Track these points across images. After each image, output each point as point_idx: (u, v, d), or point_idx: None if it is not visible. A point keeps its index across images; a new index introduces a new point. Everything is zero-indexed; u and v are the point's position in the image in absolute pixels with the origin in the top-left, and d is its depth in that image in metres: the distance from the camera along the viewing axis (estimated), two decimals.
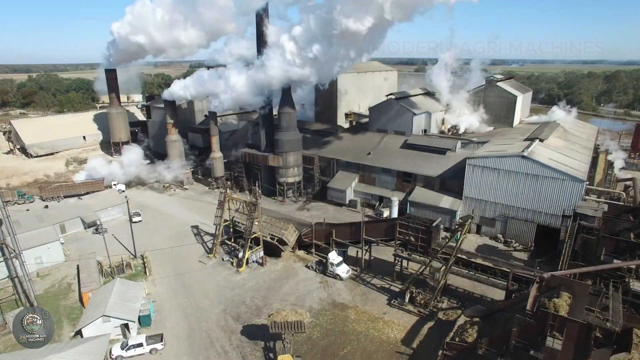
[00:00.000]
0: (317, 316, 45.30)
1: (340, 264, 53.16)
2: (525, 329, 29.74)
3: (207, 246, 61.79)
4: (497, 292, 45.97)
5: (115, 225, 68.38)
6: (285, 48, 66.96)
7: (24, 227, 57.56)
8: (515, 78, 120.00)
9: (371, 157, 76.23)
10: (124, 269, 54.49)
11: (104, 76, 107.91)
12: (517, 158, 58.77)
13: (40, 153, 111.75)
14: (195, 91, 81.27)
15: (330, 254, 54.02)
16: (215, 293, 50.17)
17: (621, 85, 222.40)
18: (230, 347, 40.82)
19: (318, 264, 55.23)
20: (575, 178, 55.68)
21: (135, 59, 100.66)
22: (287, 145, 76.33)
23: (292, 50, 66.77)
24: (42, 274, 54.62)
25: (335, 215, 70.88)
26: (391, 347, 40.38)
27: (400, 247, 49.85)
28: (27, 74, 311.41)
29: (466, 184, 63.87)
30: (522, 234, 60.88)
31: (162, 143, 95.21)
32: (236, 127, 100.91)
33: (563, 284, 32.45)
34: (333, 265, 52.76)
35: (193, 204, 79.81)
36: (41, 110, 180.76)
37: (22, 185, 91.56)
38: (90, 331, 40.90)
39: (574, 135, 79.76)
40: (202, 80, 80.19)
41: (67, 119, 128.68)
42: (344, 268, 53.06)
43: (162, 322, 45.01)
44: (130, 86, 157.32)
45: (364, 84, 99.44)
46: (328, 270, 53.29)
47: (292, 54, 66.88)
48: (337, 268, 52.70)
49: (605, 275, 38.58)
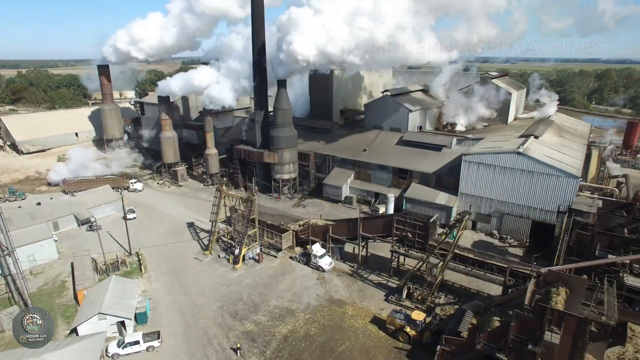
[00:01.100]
0: (315, 312, 45.30)
1: (323, 256, 54.34)
2: (523, 324, 30.00)
3: (203, 243, 61.44)
4: (493, 288, 46.32)
5: (109, 223, 67.71)
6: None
7: (16, 225, 56.77)
8: (509, 75, 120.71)
9: (367, 154, 76.25)
10: (119, 266, 53.95)
11: (97, 72, 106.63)
12: (513, 155, 59.15)
13: (31, 150, 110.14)
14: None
15: (314, 245, 55.20)
16: (212, 290, 49.93)
17: (612, 83, 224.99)
18: (228, 344, 40.64)
19: (302, 256, 56.35)
20: (570, 174, 56.19)
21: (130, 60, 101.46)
22: (283, 141, 76.05)
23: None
24: (36, 271, 53.90)
25: (331, 212, 70.84)
26: (389, 343, 40.51)
27: (397, 243, 49.96)
28: (15, 69, 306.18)
29: (462, 181, 64.17)
30: (517, 230, 61.35)
31: (156, 140, 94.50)
32: (231, 124, 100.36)
33: (560, 279, 32.86)
34: (316, 257, 53.97)
35: (188, 201, 79.26)
36: (31, 107, 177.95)
37: (13, 182, 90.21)
38: (85, 329, 40.45)
39: (568, 132, 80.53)
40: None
41: (59, 115, 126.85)
42: (326, 260, 54.19)
43: (158, 319, 44.68)
44: (123, 83, 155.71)
45: (359, 81, 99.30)
46: (311, 262, 54.51)
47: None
48: (320, 260, 53.85)
49: (600, 270, 39.06)
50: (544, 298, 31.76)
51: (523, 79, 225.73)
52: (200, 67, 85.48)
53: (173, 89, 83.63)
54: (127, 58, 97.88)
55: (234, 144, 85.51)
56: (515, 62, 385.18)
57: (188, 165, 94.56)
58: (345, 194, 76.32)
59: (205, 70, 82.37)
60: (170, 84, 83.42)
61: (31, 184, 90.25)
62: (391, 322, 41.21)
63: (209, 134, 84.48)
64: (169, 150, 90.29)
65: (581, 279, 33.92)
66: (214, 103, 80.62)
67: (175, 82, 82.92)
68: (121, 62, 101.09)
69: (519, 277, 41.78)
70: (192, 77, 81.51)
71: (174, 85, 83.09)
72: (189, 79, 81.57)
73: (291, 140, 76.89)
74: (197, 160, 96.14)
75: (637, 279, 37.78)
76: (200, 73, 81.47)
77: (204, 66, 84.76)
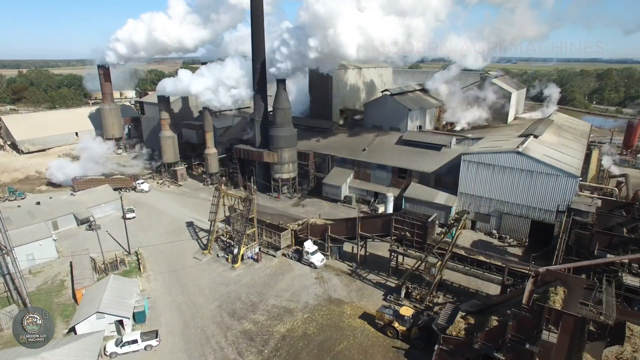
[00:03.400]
0: (313, 312, 45.26)
1: (315, 253, 54.73)
2: (521, 323, 29.93)
3: (202, 242, 61.43)
4: (492, 287, 46.22)
5: (108, 222, 67.75)
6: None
7: (15, 224, 56.88)
8: (509, 75, 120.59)
9: (366, 153, 76.19)
10: (117, 265, 53.99)
11: (96, 72, 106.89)
12: (512, 154, 59.04)
13: (31, 149, 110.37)
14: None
15: (306, 242, 55.58)
16: (211, 289, 49.91)
17: (613, 83, 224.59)
18: (226, 343, 40.64)
19: (294, 252, 56.70)
20: (569, 174, 56.07)
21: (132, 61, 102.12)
22: (283, 141, 76.02)
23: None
24: (35, 271, 53.94)
25: (330, 212, 70.80)
26: (387, 342, 40.46)
27: (396, 243, 49.89)
28: (16, 69, 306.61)
29: (461, 180, 64.08)
30: (516, 230, 61.23)
31: (156, 139, 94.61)
32: (231, 124, 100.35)
33: (558, 278, 32.76)
34: (308, 254, 54.37)
35: (187, 200, 79.26)
36: (32, 106, 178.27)
37: (13, 181, 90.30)
38: (84, 328, 40.45)
39: (568, 132, 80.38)
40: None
41: (59, 115, 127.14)
42: (318, 257, 54.57)
43: (156, 318, 44.67)
44: (123, 82, 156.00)
45: (359, 80, 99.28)
46: (303, 259, 54.89)
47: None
48: (312, 256, 54.30)
49: (599, 269, 38.96)
50: (542, 297, 31.67)
51: (523, 78, 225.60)
52: (201, 68, 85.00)
53: (169, 90, 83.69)
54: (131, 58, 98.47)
55: (233, 143, 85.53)
56: (516, 62, 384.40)
57: (188, 165, 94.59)
58: (345, 193, 76.27)
59: (203, 73, 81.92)
60: (166, 84, 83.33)
61: (31, 183, 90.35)
62: (380, 317, 41.57)
63: (209, 133, 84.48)
64: (168, 149, 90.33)
65: (579, 278, 33.83)
66: (214, 105, 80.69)
67: (172, 84, 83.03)
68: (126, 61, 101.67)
69: (517, 276, 41.70)
70: (190, 82, 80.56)
71: (169, 87, 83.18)
72: (187, 85, 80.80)
73: (291, 140, 76.84)
74: (196, 159, 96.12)
75: (636, 278, 37.63)
76: (198, 78, 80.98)
77: (204, 69, 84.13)
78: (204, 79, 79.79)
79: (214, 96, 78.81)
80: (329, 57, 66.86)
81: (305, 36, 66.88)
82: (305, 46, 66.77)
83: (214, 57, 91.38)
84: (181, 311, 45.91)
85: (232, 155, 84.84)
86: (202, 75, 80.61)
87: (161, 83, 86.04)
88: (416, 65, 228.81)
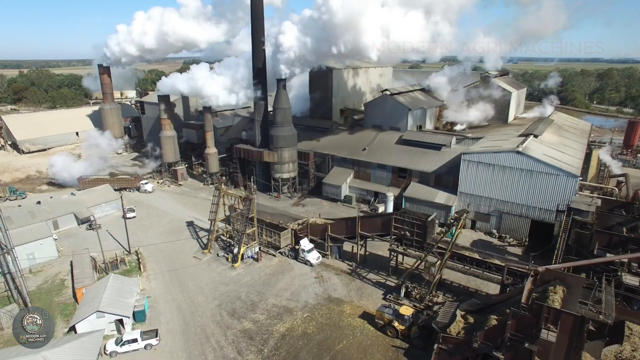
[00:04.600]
0: (313, 311, 45.30)
1: (311, 251, 55.06)
2: (520, 322, 29.93)
3: (202, 242, 61.50)
4: (491, 286, 46.24)
5: (109, 221, 67.87)
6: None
7: (16, 223, 56.98)
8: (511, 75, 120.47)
9: (366, 153, 76.21)
10: (118, 264, 54.08)
11: (97, 72, 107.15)
12: (512, 154, 59.03)
13: (32, 149, 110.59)
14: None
15: (302, 240, 55.78)
16: (210, 288, 49.97)
17: (613, 83, 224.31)
18: (226, 342, 40.70)
19: (291, 251, 56.94)
20: (569, 173, 56.05)
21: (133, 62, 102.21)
22: (283, 141, 76.07)
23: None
24: (35, 270, 54.06)
25: (330, 211, 70.83)
26: (387, 342, 40.49)
27: (395, 242, 49.92)
28: (17, 69, 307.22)
29: (461, 180, 64.07)
30: (516, 229, 61.23)
31: (156, 139, 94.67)
32: (231, 124, 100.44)
33: (557, 277, 32.76)
34: (304, 252, 54.60)
35: (187, 200, 79.35)
36: (33, 106, 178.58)
37: (14, 181, 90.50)
38: (84, 327, 40.53)
39: (568, 132, 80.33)
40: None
41: (60, 114, 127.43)
42: (314, 255, 54.90)
43: (156, 317, 44.75)
44: (124, 82, 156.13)
45: (359, 80, 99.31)
46: (300, 257, 55.11)
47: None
48: (308, 254, 54.57)
49: (599, 269, 38.93)
50: (541, 296, 31.68)
51: (524, 78, 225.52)
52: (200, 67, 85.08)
53: (177, 87, 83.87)
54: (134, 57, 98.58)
55: (233, 143, 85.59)
56: (516, 62, 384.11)
57: (188, 165, 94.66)
58: (345, 193, 76.30)
59: (204, 72, 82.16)
60: (168, 83, 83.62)
61: (32, 183, 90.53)
62: (380, 317, 41.60)
63: (209, 133, 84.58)
64: (168, 149, 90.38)
65: (578, 277, 33.79)
66: (219, 104, 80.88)
67: (177, 82, 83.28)
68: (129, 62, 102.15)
69: (517, 275, 41.70)
70: (204, 81, 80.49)
71: (180, 84, 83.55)
72: (192, 82, 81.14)
73: (291, 140, 76.90)
74: (197, 159, 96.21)
75: (635, 277, 37.65)
76: (204, 79, 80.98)
77: (204, 70, 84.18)
78: (222, 77, 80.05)
79: (227, 95, 78.90)
80: (345, 57, 66.18)
81: (322, 37, 65.50)
82: (321, 47, 65.93)
83: (217, 57, 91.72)
84: (181, 310, 45.98)
85: (232, 155, 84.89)
86: (220, 75, 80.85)
87: (166, 80, 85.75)
88: (416, 65, 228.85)
